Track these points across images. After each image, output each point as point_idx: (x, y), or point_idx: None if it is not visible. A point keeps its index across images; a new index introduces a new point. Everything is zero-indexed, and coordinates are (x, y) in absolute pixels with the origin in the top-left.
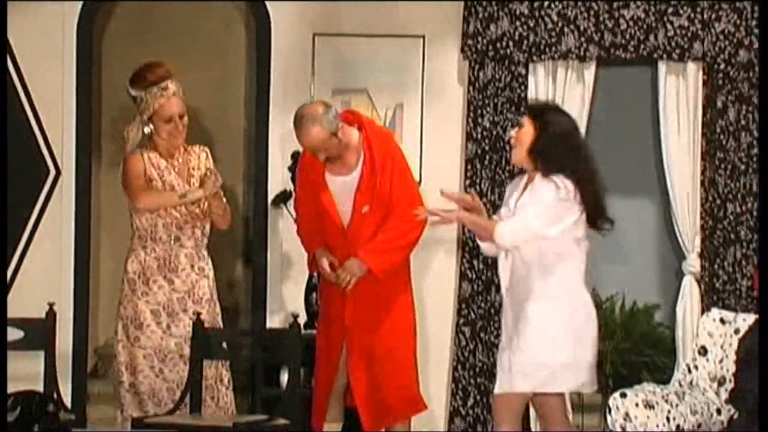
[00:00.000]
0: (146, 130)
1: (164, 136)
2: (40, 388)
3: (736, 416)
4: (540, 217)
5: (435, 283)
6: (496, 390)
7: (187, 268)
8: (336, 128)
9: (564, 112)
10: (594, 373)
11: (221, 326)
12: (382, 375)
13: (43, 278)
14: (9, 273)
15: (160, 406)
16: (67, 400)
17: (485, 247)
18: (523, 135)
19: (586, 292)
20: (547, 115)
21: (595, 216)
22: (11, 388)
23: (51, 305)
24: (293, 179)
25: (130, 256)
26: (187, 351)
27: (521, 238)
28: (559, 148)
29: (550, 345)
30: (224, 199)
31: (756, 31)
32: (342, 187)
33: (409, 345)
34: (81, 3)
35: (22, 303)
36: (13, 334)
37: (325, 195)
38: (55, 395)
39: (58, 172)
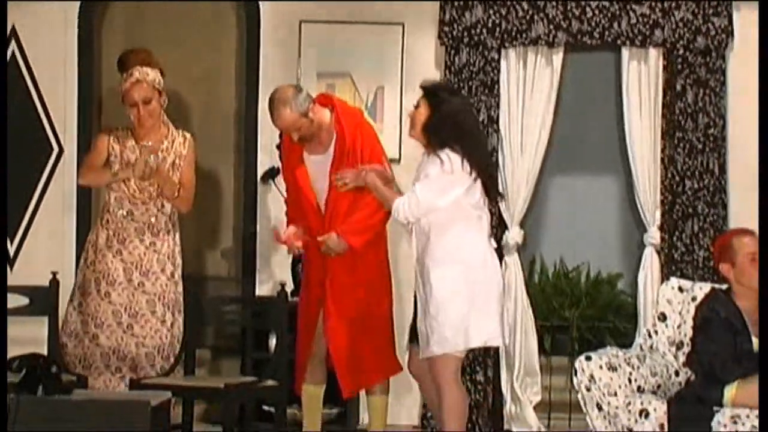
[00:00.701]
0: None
1: (133, 119)
2: (44, 351)
3: (692, 378)
4: (427, 190)
5: (410, 250)
6: (420, 356)
7: (135, 242)
8: (306, 109)
9: (456, 93)
10: (500, 327)
11: (177, 300)
12: (359, 338)
13: (47, 249)
14: (15, 244)
15: (89, 371)
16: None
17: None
18: (419, 114)
19: (487, 253)
20: (440, 95)
21: (488, 188)
22: (18, 352)
23: (54, 274)
24: (281, 157)
25: (93, 228)
26: (125, 318)
27: (415, 212)
28: (449, 127)
29: (453, 307)
30: (177, 185)
31: (713, 19)
32: (318, 166)
33: (384, 310)
34: None
35: (28, 272)
36: (20, 300)
37: (301, 174)
38: (58, 358)
39: (61, 150)
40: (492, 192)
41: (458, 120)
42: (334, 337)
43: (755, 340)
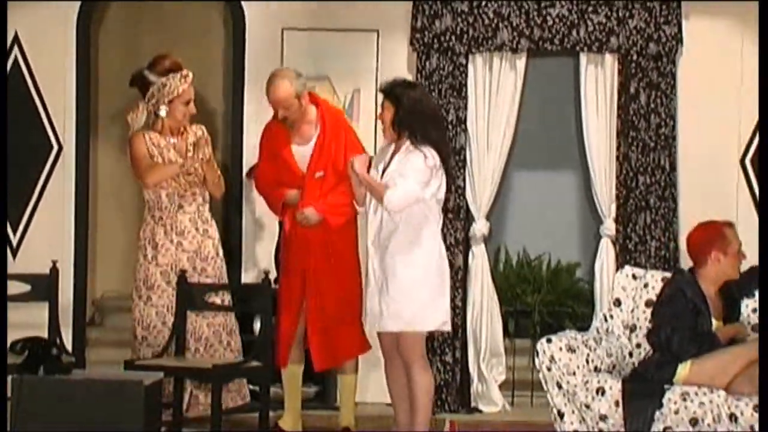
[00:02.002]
0: (162, 111)
1: (179, 117)
2: (44, 334)
3: (646, 358)
4: (415, 182)
5: None
6: (367, 329)
7: (192, 231)
8: (300, 92)
9: (412, 84)
10: (449, 315)
11: (226, 280)
12: (333, 319)
13: (48, 239)
14: (18, 235)
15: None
16: (69, 345)
17: (361, 210)
18: (386, 114)
19: (441, 244)
20: (397, 90)
21: (448, 176)
22: (20, 335)
23: (54, 263)
24: (261, 146)
25: (142, 226)
26: None
27: (405, 202)
28: (415, 117)
29: (414, 291)
30: (218, 171)
31: (664, 27)
32: (300, 156)
33: (355, 294)
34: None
35: (30, 261)
36: (22, 287)
37: (288, 153)
38: (58, 341)
39: (61, 147)
40: (450, 181)
41: (420, 108)
42: (311, 318)
43: (715, 322)
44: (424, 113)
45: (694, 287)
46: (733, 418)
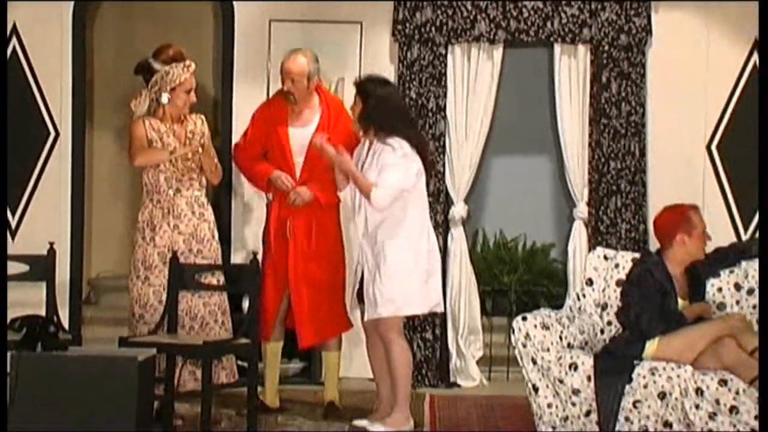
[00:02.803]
0: (164, 99)
1: (180, 104)
2: (42, 312)
3: (617, 335)
4: (395, 177)
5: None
6: (366, 318)
7: (188, 214)
8: (313, 73)
9: (382, 81)
10: (441, 297)
11: (220, 261)
12: (317, 298)
13: (45, 221)
14: (17, 217)
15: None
16: (65, 323)
17: (342, 197)
18: (355, 109)
19: (429, 229)
20: (367, 86)
21: (426, 164)
22: (19, 313)
23: (51, 244)
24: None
25: (140, 208)
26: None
27: (391, 198)
28: (383, 112)
29: (404, 277)
30: (215, 159)
31: (634, 19)
32: (297, 138)
33: (339, 276)
34: None
35: (28, 242)
36: (20, 268)
37: (284, 133)
38: (55, 319)
39: (57, 134)
40: (430, 168)
41: (386, 104)
42: (297, 297)
43: (681, 302)
44: (391, 109)
45: (661, 268)
46: (699, 392)
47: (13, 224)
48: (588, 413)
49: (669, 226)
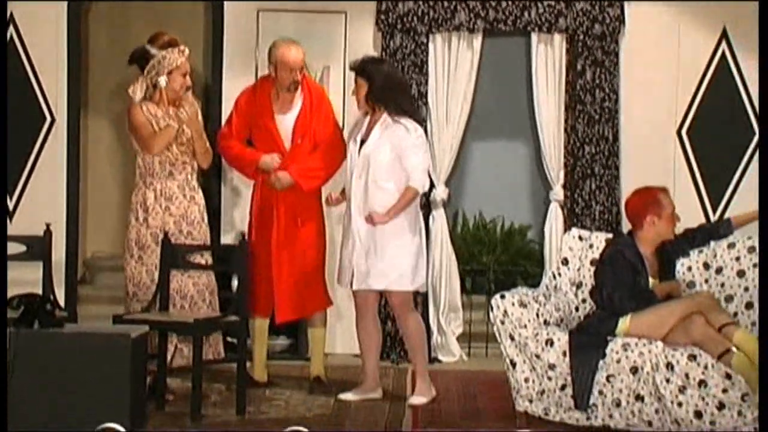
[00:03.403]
0: (162, 82)
1: (177, 87)
2: (39, 291)
3: (591, 312)
4: (424, 158)
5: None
6: (355, 287)
7: (180, 197)
8: (304, 67)
9: (379, 60)
10: (425, 277)
11: (209, 242)
12: (299, 277)
13: (42, 203)
14: (15, 199)
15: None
16: (61, 301)
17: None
18: (360, 91)
19: (419, 211)
20: (369, 67)
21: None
22: (17, 292)
23: (48, 225)
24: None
25: (134, 190)
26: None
27: (426, 177)
28: (388, 90)
29: (400, 253)
30: (207, 143)
31: (608, 9)
32: (281, 124)
33: (320, 254)
34: None
35: (25, 223)
36: (18, 248)
37: (274, 126)
38: (52, 297)
39: (53, 119)
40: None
41: (392, 81)
42: (277, 275)
43: (652, 280)
44: (396, 86)
45: (633, 249)
46: (669, 366)
47: (11, 206)
48: (563, 387)
49: (639, 207)
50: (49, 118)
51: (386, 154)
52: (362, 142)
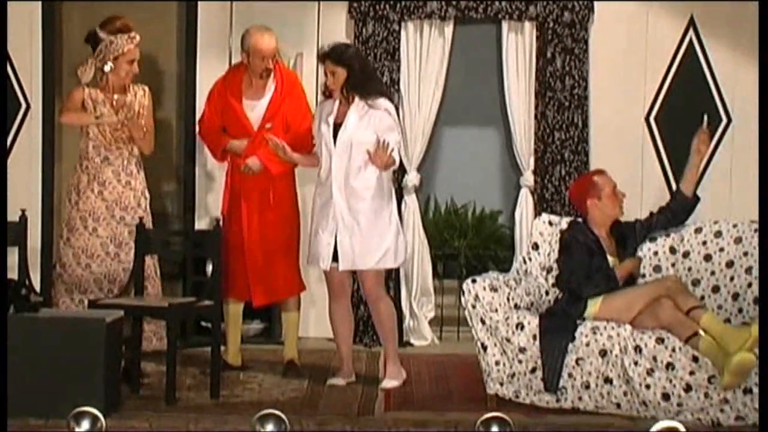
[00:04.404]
0: (106, 68)
1: (122, 74)
2: (15, 276)
3: (560, 296)
4: (396, 134)
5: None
6: (341, 268)
7: (113, 182)
8: (276, 54)
9: (350, 45)
10: (405, 253)
11: (151, 226)
12: (271, 262)
13: (18, 190)
14: None
15: (86, 294)
16: (37, 286)
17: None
18: (337, 78)
19: (393, 190)
20: (346, 54)
21: None
22: None
23: (23, 211)
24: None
25: (72, 173)
26: (111, 249)
27: (399, 156)
28: (367, 76)
29: (383, 232)
30: (145, 128)
31: None
32: (251, 109)
33: (292, 239)
34: None
35: None
36: None
37: (241, 111)
38: (27, 282)
39: (28, 106)
40: None
41: (367, 65)
42: (251, 260)
43: (611, 259)
44: (371, 69)
45: (586, 233)
46: (637, 349)
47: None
48: (533, 370)
49: (578, 194)
50: (24, 105)
51: (369, 137)
52: (336, 125)
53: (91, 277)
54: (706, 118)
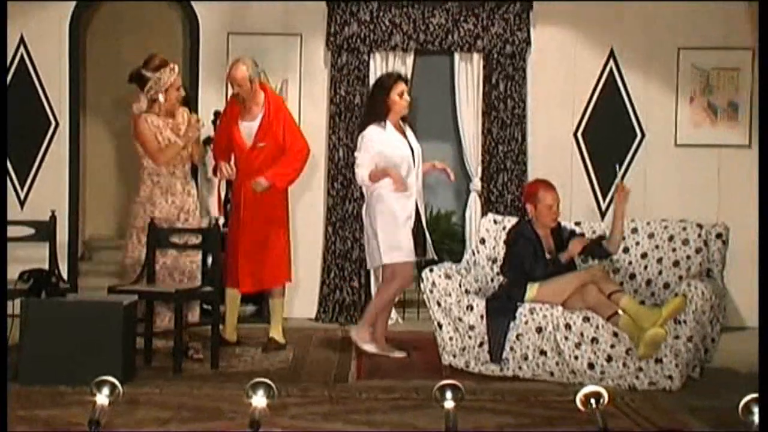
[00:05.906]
0: (161, 98)
1: (173, 100)
2: (46, 266)
3: (504, 283)
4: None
5: (311, 195)
6: (370, 265)
7: (180, 191)
8: (254, 76)
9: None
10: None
11: (204, 226)
12: (262, 256)
13: (48, 194)
14: (25, 190)
15: (155, 284)
16: (65, 275)
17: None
18: (408, 102)
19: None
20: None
21: None
22: (27, 267)
23: (53, 212)
24: (215, 128)
25: (140, 186)
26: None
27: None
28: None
29: (398, 232)
30: (201, 144)
31: (517, 33)
32: (247, 131)
33: (282, 236)
34: (73, 3)
35: (34, 210)
36: (28, 231)
37: (236, 130)
38: (56, 271)
39: (57, 124)
40: None
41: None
42: (242, 253)
43: (548, 255)
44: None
45: (530, 231)
46: (567, 326)
47: (22, 196)
48: (481, 344)
49: (525, 196)
50: (53, 122)
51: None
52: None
53: (165, 270)
54: (617, 167)
